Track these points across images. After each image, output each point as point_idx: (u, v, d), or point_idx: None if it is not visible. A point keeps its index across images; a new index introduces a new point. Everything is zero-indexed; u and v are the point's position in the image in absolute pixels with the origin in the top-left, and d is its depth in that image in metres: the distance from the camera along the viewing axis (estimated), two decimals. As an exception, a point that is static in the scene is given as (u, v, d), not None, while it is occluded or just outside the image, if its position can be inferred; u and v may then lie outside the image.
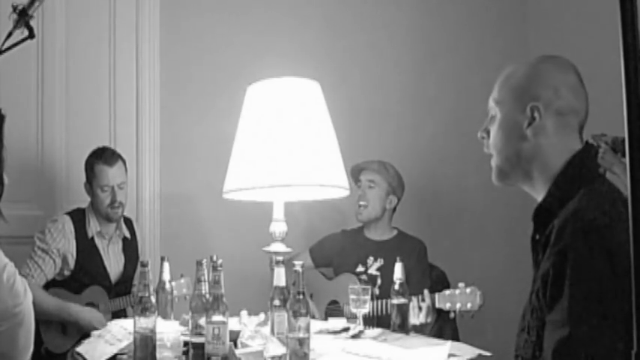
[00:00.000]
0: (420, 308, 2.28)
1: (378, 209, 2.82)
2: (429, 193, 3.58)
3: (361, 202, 2.82)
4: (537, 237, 1.32)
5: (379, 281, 2.73)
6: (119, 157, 2.78)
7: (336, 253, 2.90)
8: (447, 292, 2.26)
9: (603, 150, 2.41)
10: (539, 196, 1.36)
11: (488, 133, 1.42)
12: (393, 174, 2.86)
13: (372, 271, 2.77)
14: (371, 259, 2.80)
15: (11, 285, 1.42)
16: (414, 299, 2.27)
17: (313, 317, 2.32)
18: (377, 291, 2.68)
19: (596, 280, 1.16)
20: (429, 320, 2.26)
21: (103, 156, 2.73)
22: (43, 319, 2.52)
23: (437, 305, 2.24)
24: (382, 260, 2.77)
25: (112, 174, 2.72)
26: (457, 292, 2.23)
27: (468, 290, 2.21)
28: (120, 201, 2.75)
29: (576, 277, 1.17)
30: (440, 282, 2.84)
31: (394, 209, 2.88)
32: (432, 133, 3.58)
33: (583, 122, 1.37)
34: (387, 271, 2.68)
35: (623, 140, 1.03)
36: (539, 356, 1.24)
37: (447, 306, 2.24)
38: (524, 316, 1.31)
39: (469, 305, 2.20)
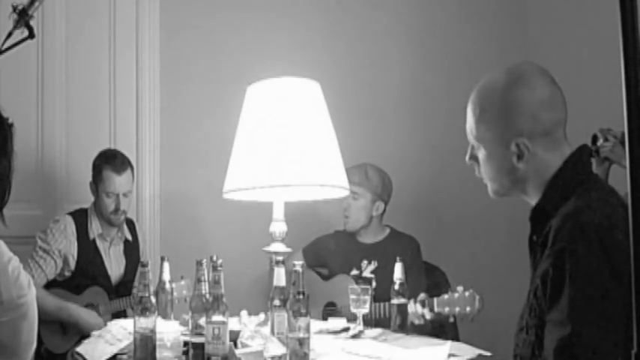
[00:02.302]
0: (417, 312, 2.25)
1: (364, 219, 2.80)
2: (428, 193, 3.57)
3: (346, 214, 2.81)
4: (535, 238, 1.33)
5: (374, 283, 2.72)
6: (129, 164, 2.77)
7: (329, 255, 2.89)
8: (446, 296, 2.22)
9: (612, 144, 2.42)
10: (533, 201, 1.38)
11: (476, 159, 1.43)
12: (377, 182, 2.80)
13: (367, 273, 2.76)
14: (365, 262, 2.78)
15: (16, 277, 1.45)
16: (412, 303, 2.25)
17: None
18: (372, 293, 2.67)
19: (596, 279, 1.17)
20: (427, 318, 2.25)
21: (113, 163, 2.71)
22: (43, 319, 2.51)
23: (435, 309, 2.22)
24: (376, 262, 2.75)
25: (119, 182, 2.71)
26: (456, 295, 2.20)
27: (467, 294, 2.19)
28: (123, 209, 2.74)
29: (576, 276, 1.18)
30: (440, 282, 2.84)
31: (384, 211, 2.85)
32: (432, 132, 3.58)
33: (566, 123, 1.37)
34: (381, 272, 2.67)
35: None
36: (539, 355, 1.24)
37: (446, 310, 2.21)
38: (522, 315, 1.32)
39: (468, 309, 2.18)
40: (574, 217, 1.22)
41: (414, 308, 2.24)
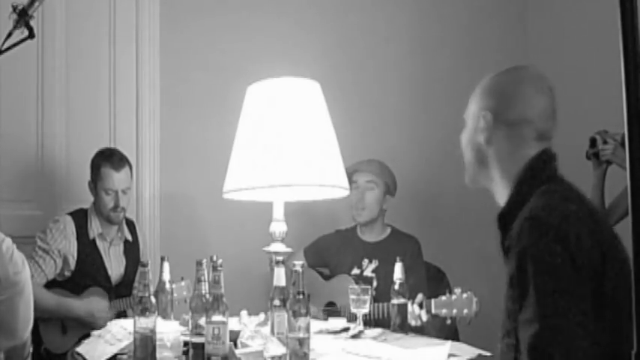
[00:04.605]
0: (414, 313, 2.25)
1: (376, 211, 2.80)
2: (428, 193, 3.58)
3: (359, 205, 2.78)
4: (506, 243, 1.36)
5: (375, 283, 2.72)
6: (127, 161, 2.77)
7: (330, 254, 2.89)
8: (444, 297, 2.22)
9: (613, 146, 2.42)
10: (501, 200, 1.45)
11: None
12: (388, 174, 2.85)
13: (368, 273, 2.76)
14: (365, 261, 2.78)
15: (10, 254, 1.47)
16: (409, 304, 2.25)
17: (315, 317, 2.32)
18: (373, 293, 2.67)
19: (558, 274, 1.21)
20: (424, 319, 2.25)
21: (111, 159, 2.72)
22: (43, 317, 2.52)
23: (433, 311, 2.22)
24: (377, 261, 2.76)
25: (117, 179, 2.71)
26: (453, 297, 2.19)
27: (465, 296, 2.18)
28: (122, 206, 2.74)
29: (538, 273, 1.22)
30: (439, 282, 2.84)
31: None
32: (432, 132, 3.58)
33: (544, 130, 1.42)
34: (382, 272, 2.68)
35: None
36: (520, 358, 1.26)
37: (443, 312, 2.20)
38: (503, 322, 1.35)
39: (465, 311, 2.18)
40: (531, 218, 1.27)
41: (412, 309, 2.24)
